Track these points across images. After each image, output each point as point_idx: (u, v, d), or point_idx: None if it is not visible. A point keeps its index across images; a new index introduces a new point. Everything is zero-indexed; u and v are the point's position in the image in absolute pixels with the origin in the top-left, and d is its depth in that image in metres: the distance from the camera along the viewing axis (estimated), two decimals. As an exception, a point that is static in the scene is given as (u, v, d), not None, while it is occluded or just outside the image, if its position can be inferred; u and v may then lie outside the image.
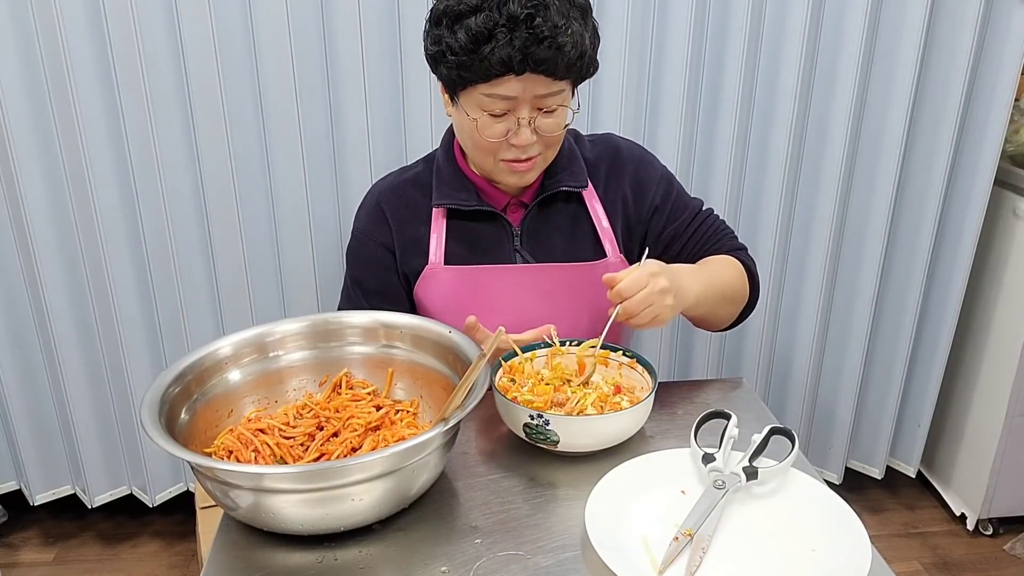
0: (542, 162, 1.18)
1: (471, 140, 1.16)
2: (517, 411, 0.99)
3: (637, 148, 1.32)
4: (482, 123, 1.11)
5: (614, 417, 0.99)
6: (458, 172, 1.25)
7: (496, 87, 1.07)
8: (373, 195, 1.30)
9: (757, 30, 1.67)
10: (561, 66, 1.06)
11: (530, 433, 1.00)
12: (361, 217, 1.30)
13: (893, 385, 1.99)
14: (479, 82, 1.08)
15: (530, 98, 1.09)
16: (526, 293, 1.24)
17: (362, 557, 0.87)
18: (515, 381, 1.08)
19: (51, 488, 1.96)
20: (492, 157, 1.16)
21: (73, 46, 1.51)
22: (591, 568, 0.84)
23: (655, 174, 1.30)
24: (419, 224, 1.26)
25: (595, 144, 1.31)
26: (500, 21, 1.03)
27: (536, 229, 1.25)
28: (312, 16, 1.57)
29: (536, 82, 1.07)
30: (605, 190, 1.28)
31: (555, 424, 0.98)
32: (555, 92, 1.09)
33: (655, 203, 1.28)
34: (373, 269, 1.28)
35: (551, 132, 1.13)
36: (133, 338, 1.77)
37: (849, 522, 0.86)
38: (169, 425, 0.90)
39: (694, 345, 1.98)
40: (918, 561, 1.96)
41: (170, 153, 1.63)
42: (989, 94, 1.71)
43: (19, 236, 1.68)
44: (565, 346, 1.13)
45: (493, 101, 1.09)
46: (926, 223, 1.82)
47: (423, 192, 1.27)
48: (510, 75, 1.06)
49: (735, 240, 1.32)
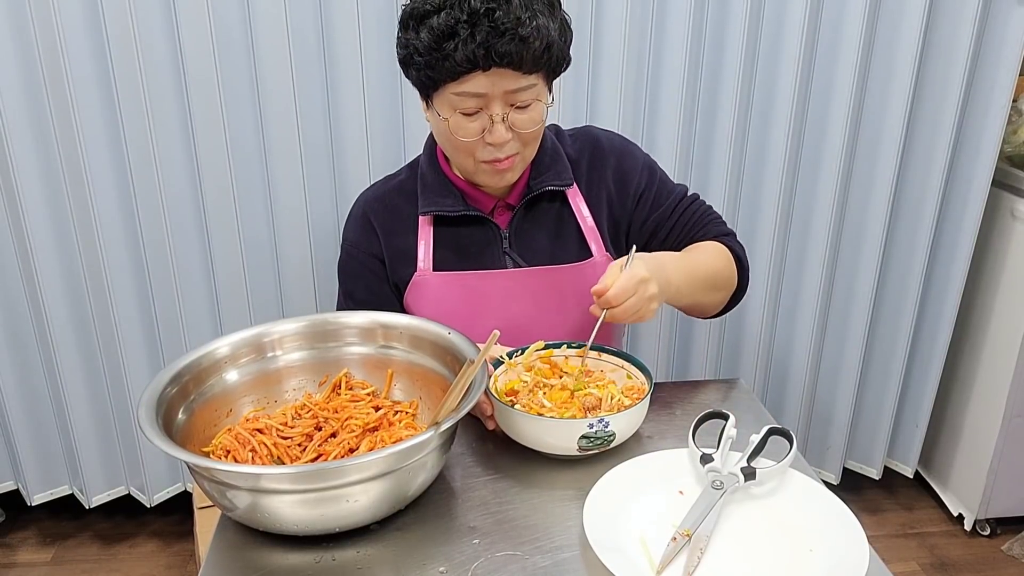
0: (521, 161, 1.17)
1: (448, 142, 1.15)
2: (572, 425, 0.97)
3: (617, 138, 1.31)
4: (455, 123, 1.10)
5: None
6: (442, 178, 1.24)
7: (464, 84, 1.07)
8: (360, 205, 1.29)
9: (755, 32, 1.67)
10: (527, 59, 1.05)
11: (586, 445, 0.98)
12: (349, 228, 1.30)
13: (891, 386, 1.99)
14: (447, 81, 1.07)
15: (500, 94, 1.08)
16: (514, 296, 1.23)
17: (360, 558, 0.86)
18: (515, 404, 1.04)
19: (49, 488, 1.95)
20: (472, 159, 1.15)
21: (71, 47, 1.51)
22: (589, 568, 0.84)
23: (637, 163, 1.28)
24: (406, 232, 1.25)
25: (575, 139, 1.30)
26: (461, 17, 1.03)
27: (524, 230, 1.25)
28: (311, 17, 1.57)
29: (503, 77, 1.06)
30: (588, 185, 1.27)
31: (614, 423, 0.98)
32: (525, 87, 1.09)
33: (639, 192, 1.27)
34: (364, 280, 1.27)
35: (526, 128, 1.12)
36: (131, 338, 1.77)
37: (847, 522, 0.86)
38: (166, 425, 0.90)
39: (692, 346, 1.99)
40: (916, 561, 1.96)
41: (168, 154, 1.63)
42: (987, 95, 1.71)
43: (17, 236, 1.67)
44: (559, 349, 1.13)
45: (463, 99, 1.08)
46: (924, 224, 1.82)
47: (408, 200, 1.26)
48: (476, 72, 1.05)
49: (722, 225, 1.30)
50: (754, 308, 1.91)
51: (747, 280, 1.28)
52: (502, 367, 1.09)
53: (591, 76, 1.68)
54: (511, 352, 1.11)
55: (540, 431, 0.99)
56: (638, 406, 1.01)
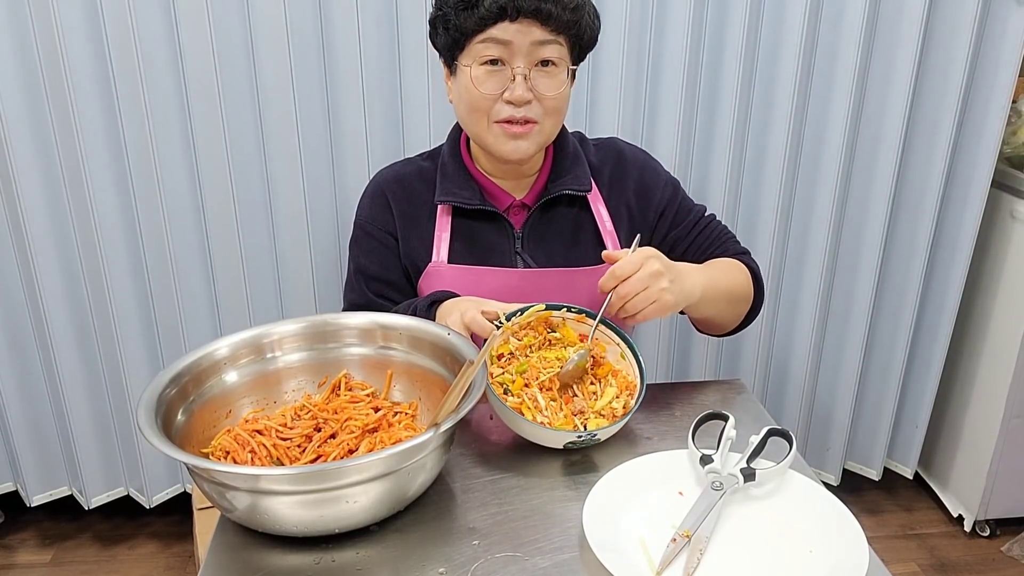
0: (538, 132, 1.16)
1: (467, 103, 1.15)
2: (560, 434, 0.99)
3: (641, 153, 1.33)
4: (476, 74, 1.12)
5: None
6: (463, 170, 1.25)
7: (491, 31, 1.09)
8: (377, 182, 1.30)
9: (755, 33, 1.67)
10: (555, 13, 1.08)
11: (573, 446, 1.01)
12: (364, 204, 1.30)
13: (890, 387, 1.99)
14: (475, 32, 1.10)
15: (525, 45, 1.10)
16: (527, 297, 1.22)
17: (359, 559, 0.86)
18: (510, 392, 1.03)
19: (48, 489, 1.95)
20: (486, 119, 1.14)
21: (71, 48, 1.51)
22: (589, 569, 0.84)
23: (660, 179, 1.30)
24: (422, 218, 1.26)
25: (599, 148, 1.31)
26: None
27: (538, 233, 1.25)
28: (310, 18, 1.57)
29: (530, 28, 1.09)
30: (609, 194, 1.28)
31: (601, 434, 1.00)
32: (550, 41, 1.10)
33: (661, 208, 1.29)
34: (377, 255, 1.27)
35: (549, 92, 1.13)
36: (130, 339, 1.77)
37: (846, 523, 0.86)
38: (166, 426, 0.90)
39: (692, 347, 1.99)
40: (915, 562, 1.96)
41: (167, 154, 1.63)
42: (986, 96, 1.71)
43: (17, 238, 1.67)
44: (560, 312, 1.11)
45: (487, 47, 1.10)
46: (923, 225, 1.82)
47: (428, 187, 1.27)
48: (504, 20, 1.08)
49: (738, 245, 1.32)
50: (754, 309, 1.91)
51: (763, 297, 1.29)
52: (500, 330, 1.06)
53: (591, 76, 1.68)
54: (510, 314, 1.08)
55: (531, 431, 1.01)
56: (622, 420, 1.02)
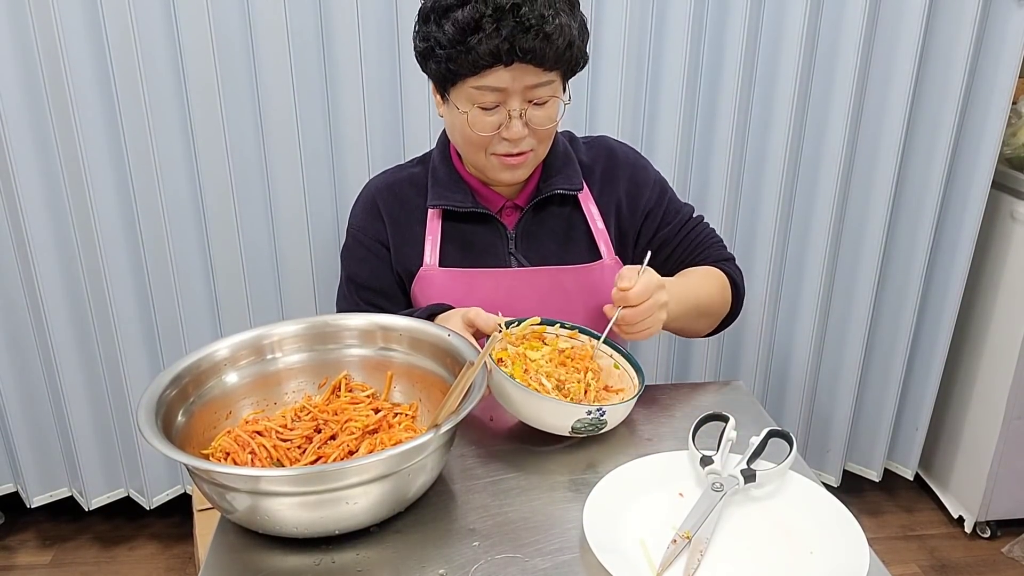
0: (534, 158, 1.18)
1: (462, 136, 1.16)
2: (568, 409, 0.99)
3: (631, 151, 1.33)
4: (473, 117, 1.12)
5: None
6: (454, 174, 1.25)
7: (485, 78, 1.08)
8: (369, 191, 1.30)
9: (755, 34, 1.67)
10: (549, 55, 1.07)
11: (579, 428, 1.00)
12: (356, 213, 1.30)
13: (891, 388, 1.99)
14: (468, 75, 1.08)
15: (520, 89, 1.09)
16: (521, 296, 1.24)
17: (359, 560, 0.86)
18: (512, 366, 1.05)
19: (48, 490, 1.95)
20: (483, 152, 1.16)
21: (71, 48, 1.51)
22: (589, 571, 0.84)
23: (649, 179, 1.30)
24: (414, 224, 1.26)
25: (590, 146, 1.32)
26: (486, 12, 1.04)
27: (530, 232, 1.26)
28: (310, 19, 1.57)
29: (525, 72, 1.08)
30: (600, 192, 1.28)
31: (610, 413, 1.00)
32: (545, 83, 1.10)
33: (648, 207, 1.29)
34: (368, 265, 1.28)
35: (543, 125, 1.14)
36: (130, 340, 1.77)
37: (847, 525, 0.86)
38: (166, 427, 0.90)
39: (692, 348, 1.98)
40: (916, 564, 1.96)
41: (168, 155, 1.63)
42: (987, 97, 1.71)
43: (16, 238, 1.67)
44: (555, 327, 1.13)
45: (483, 93, 1.09)
46: (924, 226, 1.82)
47: (419, 192, 1.27)
48: (498, 66, 1.07)
49: (723, 250, 1.33)
50: (754, 310, 1.91)
51: (740, 306, 1.30)
52: (498, 336, 1.07)
53: (591, 77, 1.68)
54: (508, 322, 1.10)
55: (539, 408, 1.00)
56: (632, 399, 1.03)
